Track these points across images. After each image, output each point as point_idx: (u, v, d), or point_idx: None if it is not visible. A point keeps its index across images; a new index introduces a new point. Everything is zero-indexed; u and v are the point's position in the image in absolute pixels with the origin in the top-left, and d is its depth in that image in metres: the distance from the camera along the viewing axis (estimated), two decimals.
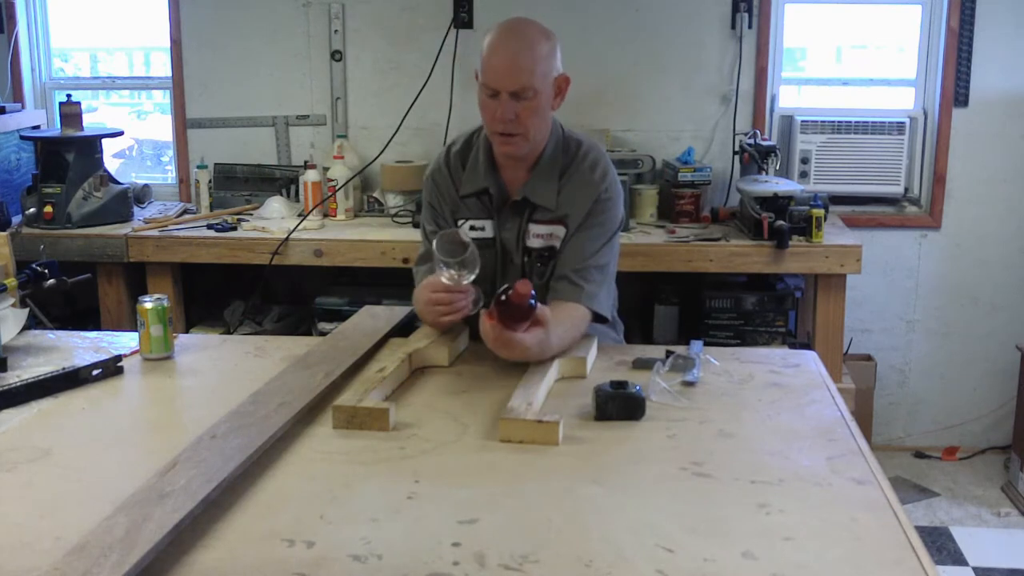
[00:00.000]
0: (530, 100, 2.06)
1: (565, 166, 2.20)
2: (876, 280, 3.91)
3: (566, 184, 2.19)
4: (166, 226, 3.53)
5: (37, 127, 3.90)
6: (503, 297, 1.85)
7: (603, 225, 2.19)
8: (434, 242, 1.95)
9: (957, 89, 3.76)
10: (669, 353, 2.04)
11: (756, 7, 3.76)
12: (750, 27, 3.76)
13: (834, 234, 3.43)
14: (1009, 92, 3.77)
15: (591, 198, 2.18)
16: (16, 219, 3.50)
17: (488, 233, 2.24)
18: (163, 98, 4.16)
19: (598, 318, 2.17)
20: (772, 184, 3.40)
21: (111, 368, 2.01)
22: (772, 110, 3.88)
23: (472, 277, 1.97)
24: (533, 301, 1.86)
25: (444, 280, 1.97)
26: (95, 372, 1.98)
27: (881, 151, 3.77)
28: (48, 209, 3.46)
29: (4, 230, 2.84)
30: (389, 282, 3.59)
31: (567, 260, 2.17)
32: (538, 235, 2.21)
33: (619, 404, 1.75)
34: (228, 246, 3.42)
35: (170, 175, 4.17)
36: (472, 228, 2.25)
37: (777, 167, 3.53)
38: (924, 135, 3.84)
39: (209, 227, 3.50)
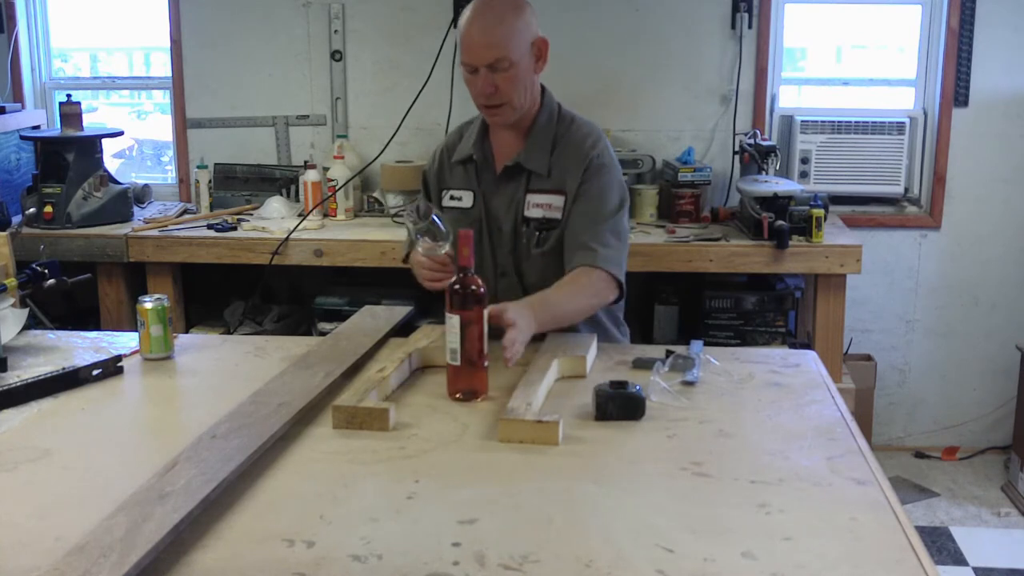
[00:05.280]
0: (507, 71, 2.11)
1: (558, 135, 2.25)
2: (876, 280, 3.91)
3: (558, 150, 2.23)
4: (166, 226, 3.53)
5: (37, 127, 3.90)
6: (457, 286, 1.84)
7: (606, 191, 2.20)
8: (405, 213, 2.01)
9: (957, 89, 3.76)
10: (669, 353, 2.04)
11: (756, 7, 3.76)
12: (750, 27, 3.76)
13: (834, 234, 3.43)
14: (1009, 92, 3.77)
15: (582, 165, 2.20)
16: (16, 219, 3.50)
17: (465, 203, 2.29)
18: (163, 98, 4.16)
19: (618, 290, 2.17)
20: (772, 184, 3.41)
21: (111, 368, 2.01)
22: (772, 110, 3.88)
23: (446, 247, 2.01)
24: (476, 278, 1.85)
25: (420, 251, 2.04)
26: (95, 372, 1.98)
27: (881, 151, 3.78)
28: (48, 209, 3.46)
29: (4, 230, 2.84)
30: (389, 282, 3.59)
31: (577, 229, 2.17)
32: (537, 204, 2.23)
33: (619, 404, 1.75)
34: (228, 246, 3.42)
35: (170, 175, 4.17)
36: (452, 198, 2.32)
37: (777, 167, 3.53)
38: (924, 135, 3.84)
39: (209, 227, 3.50)
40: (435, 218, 1.99)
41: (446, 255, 2.04)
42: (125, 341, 2.26)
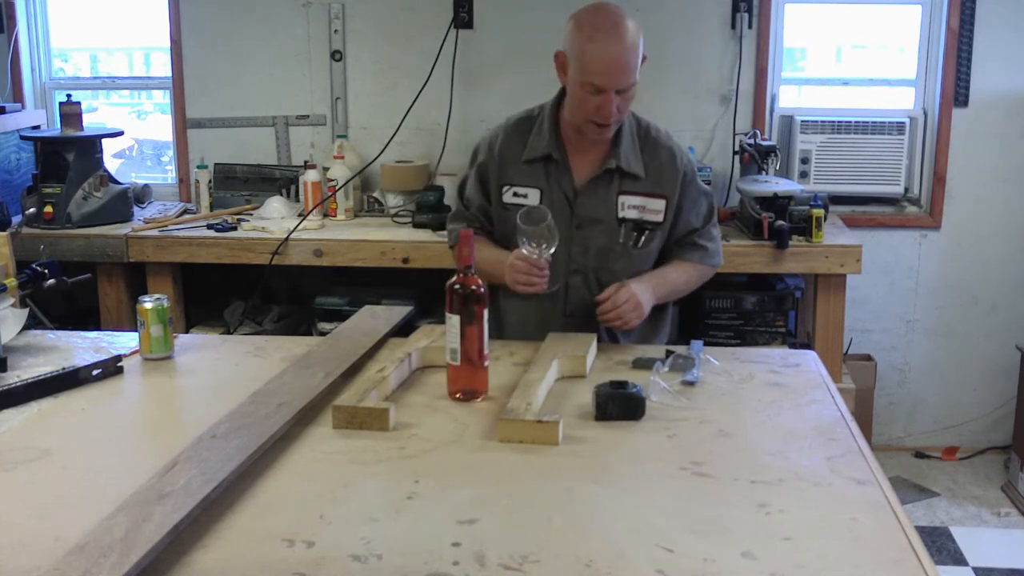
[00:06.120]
0: (629, 91, 2.15)
1: (640, 137, 2.29)
2: (876, 280, 3.91)
3: (647, 153, 2.28)
4: (166, 226, 3.53)
5: (37, 127, 3.90)
6: (457, 286, 1.84)
7: (702, 194, 2.38)
8: (518, 215, 2.04)
9: (957, 89, 3.76)
10: (669, 353, 2.04)
11: (756, 7, 3.76)
12: (750, 27, 3.76)
13: (834, 234, 3.43)
14: (1009, 92, 3.77)
15: (679, 173, 2.29)
16: (16, 219, 3.50)
17: (531, 201, 2.28)
18: (163, 98, 4.16)
19: None
20: (772, 184, 3.41)
21: (111, 368, 2.01)
22: (772, 110, 3.88)
23: (551, 251, 2.05)
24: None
25: (525, 252, 2.05)
26: (95, 372, 1.98)
27: (881, 151, 3.78)
28: (48, 209, 3.46)
29: (4, 230, 2.84)
30: (389, 282, 3.59)
31: (686, 228, 2.34)
32: (633, 206, 2.28)
33: (619, 404, 1.76)
34: (228, 246, 3.42)
35: (170, 175, 4.17)
36: (515, 195, 2.30)
37: (777, 167, 3.53)
38: (924, 135, 3.84)
39: (209, 227, 3.50)
40: (552, 223, 2.02)
41: (546, 260, 2.07)
42: (125, 341, 2.26)
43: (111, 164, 3.91)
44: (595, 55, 2.09)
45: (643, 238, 2.29)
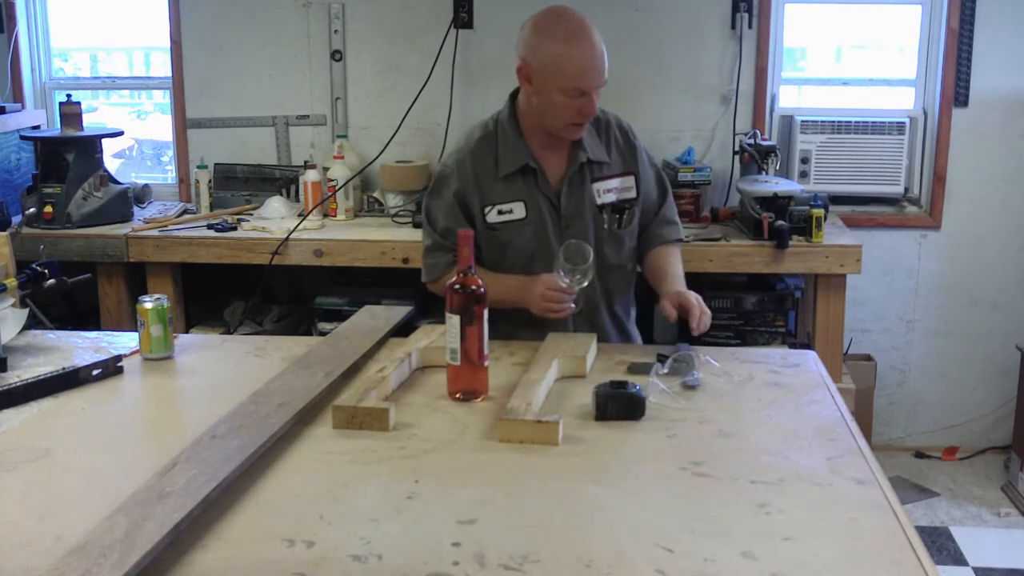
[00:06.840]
0: (599, 89, 2.20)
1: (595, 123, 2.33)
2: (876, 280, 3.91)
3: (605, 138, 2.35)
4: (166, 226, 3.53)
5: (37, 127, 3.90)
6: (457, 286, 1.84)
7: (653, 163, 2.46)
8: (560, 249, 2.08)
9: (957, 89, 3.76)
10: (661, 357, 2.03)
11: (756, 7, 3.76)
12: (750, 27, 3.76)
13: (834, 234, 3.43)
14: (1009, 92, 3.77)
15: (634, 147, 2.38)
16: (16, 219, 3.50)
17: (518, 215, 2.29)
18: (163, 98, 4.16)
19: None
20: (772, 184, 3.41)
21: (111, 368, 2.01)
22: (772, 110, 3.88)
23: (586, 284, 2.10)
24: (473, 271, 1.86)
25: (562, 284, 2.08)
26: (95, 372, 1.98)
27: (881, 151, 3.78)
28: (48, 209, 3.46)
29: (4, 230, 2.84)
30: (389, 282, 3.59)
31: (655, 207, 2.43)
32: (608, 190, 2.34)
33: (619, 404, 1.76)
34: (228, 246, 3.42)
35: (170, 175, 4.17)
36: (500, 212, 2.29)
37: (777, 167, 3.53)
38: (924, 135, 3.84)
39: (209, 227, 3.50)
40: (593, 261, 2.06)
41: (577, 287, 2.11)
42: (125, 341, 2.26)
43: (111, 164, 3.91)
44: (575, 60, 2.14)
45: (624, 217, 2.35)
